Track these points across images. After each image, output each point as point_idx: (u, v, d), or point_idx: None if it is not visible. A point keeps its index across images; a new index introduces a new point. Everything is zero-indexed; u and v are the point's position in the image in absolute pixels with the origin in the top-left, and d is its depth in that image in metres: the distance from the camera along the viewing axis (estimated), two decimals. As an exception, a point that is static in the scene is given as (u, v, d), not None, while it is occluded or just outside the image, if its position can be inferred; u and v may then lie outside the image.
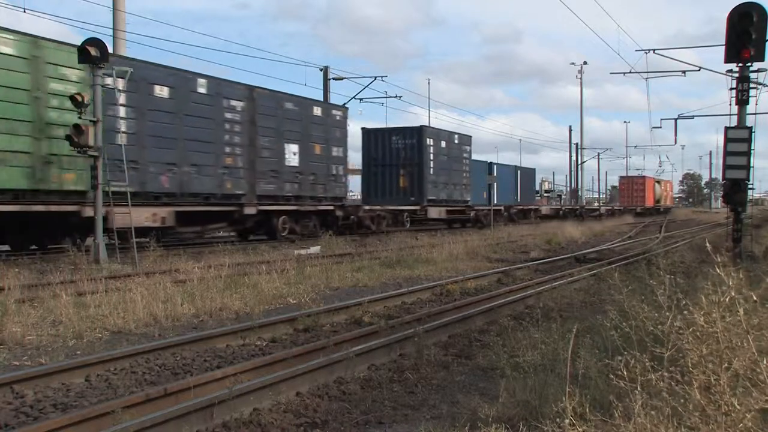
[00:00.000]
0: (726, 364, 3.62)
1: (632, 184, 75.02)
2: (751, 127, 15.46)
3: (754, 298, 3.88)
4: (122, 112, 18.61)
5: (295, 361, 6.85)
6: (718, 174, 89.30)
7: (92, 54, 15.95)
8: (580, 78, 69.85)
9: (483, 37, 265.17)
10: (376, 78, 37.50)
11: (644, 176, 78.35)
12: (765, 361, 3.55)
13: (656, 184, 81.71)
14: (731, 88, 16.72)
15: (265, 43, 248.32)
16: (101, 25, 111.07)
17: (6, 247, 17.88)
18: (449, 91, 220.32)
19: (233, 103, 22.35)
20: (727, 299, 3.81)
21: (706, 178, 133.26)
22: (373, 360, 7.33)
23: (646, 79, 32.11)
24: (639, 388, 3.69)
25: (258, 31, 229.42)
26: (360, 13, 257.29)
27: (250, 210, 22.73)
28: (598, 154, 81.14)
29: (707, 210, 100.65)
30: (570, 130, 72.97)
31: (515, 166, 51.52)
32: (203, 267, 13.27)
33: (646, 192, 75.08)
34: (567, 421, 3.64)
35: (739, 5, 14.92)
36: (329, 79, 37.34)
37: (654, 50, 26.00)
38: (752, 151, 15.18)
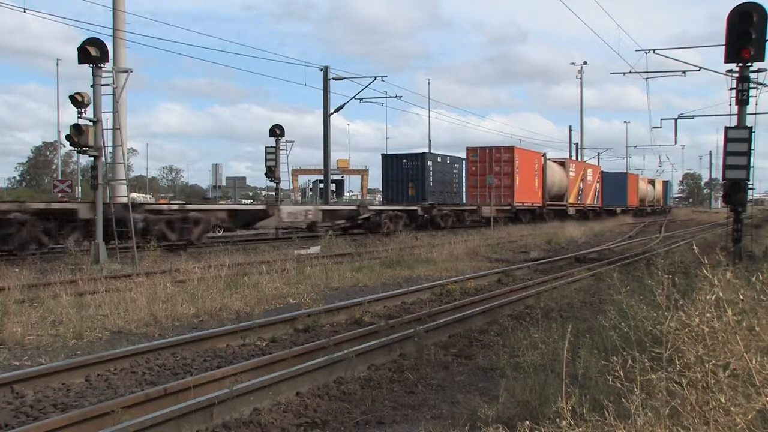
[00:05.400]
0: (714, 362, 3.63)
1: (488, 161, 39.47)
2: (751, 127, 15.47)
3: (741, 297, 3.88)
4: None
5: (295, 361, 6.85)
6: (718, 174, 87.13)
7: (92, 54, 15.96)
8: (580, 78, 69.59)
9: (487, 37, 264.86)
10: (376, 78, 37.53)
11: (513, 147, 40.44)
12: (754, 361, 3.55)
13: (558, 167, 47.12)
14: (731, 88, 16.72)
15: (266, 44, 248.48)
16: (101, 25, 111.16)
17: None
18: (452, 91, 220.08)
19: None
20: (713, 298, 3.81)
21: (706, 178, 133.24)
22: (373, 360, 7.34)
23: (646, 79, 32.05)
24: (638, 389, 3.69)
25: (260, 32, 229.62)
26: (363, 14, 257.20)
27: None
28: (598, 154, 78.37)
29: (707, 210, 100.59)
30: (570, 130, 72.59)
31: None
32: (203, 267, 13.27)
33: (516, 179, 39.27)
34: (564, 423, 3.64)
35: (739, 5, 14.93)
36: (329, 79, 37.32)
37: (654, 50, 25.97)
38: (752, 151, 15.19)
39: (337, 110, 38.21)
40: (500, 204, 38.82)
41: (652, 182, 77.05)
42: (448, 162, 40.95)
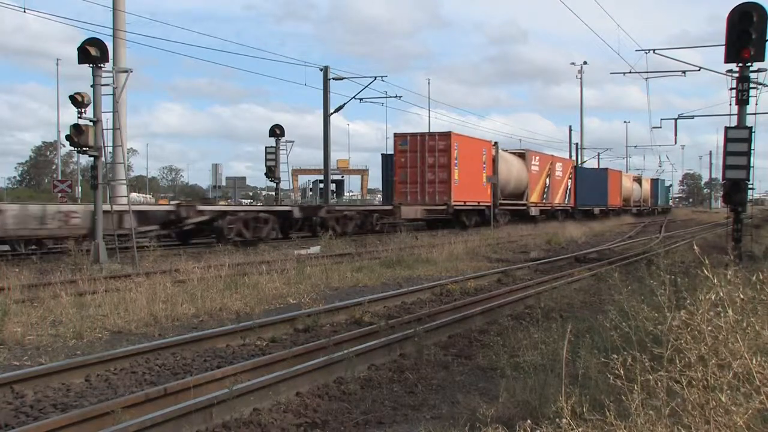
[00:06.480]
0: (714, 362, 3.63)
1: (421, 150, 33.01)
2: (751, 127, 15.49)
3: (742, 296, 3.89)
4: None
5: (295, 361, 6.85)
6: (718, 174, 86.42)
7: (92, 54, 15.95)
8: (580, 78, 69.69)
9: (487, 37, 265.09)
10: (376, 78, 37.45)
11: (449, 133, 33.37)
12: (755, 361, 3.56)
13: (516, 159, 40.69)
14: (731, 88, 16.74)
15: (266, 44, 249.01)
16: (101, 25, 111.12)
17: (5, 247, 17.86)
18: (452, 91, 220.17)
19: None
20: (714, 298, 3.81)
21: (706, 178, 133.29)
22: (373, 360, 7.34)
23: (646, 79, 32.06)
24: (638, 388, 3.69)
25: (260, 32, 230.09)
26: (363, 14, 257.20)
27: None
28: (598, 154, 77.97)
29: (707, 210, 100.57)
30: (570, 130, 72.53)
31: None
32: (203, 267, 13.27)
33: (455, 172, 32.58)
34: (564, 421, 3.64)
35: (739, 5, 14.94)
36: (329, 79, 37.33)
37: (654, 50, 25.98)
38: (752, 151, 15.22)
39: (337, 110, 38.23)
40: (434, 203, 32.14)
41: (638, 180, 71.65)
42: None
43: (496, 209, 36.23)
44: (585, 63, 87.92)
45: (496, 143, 38.08)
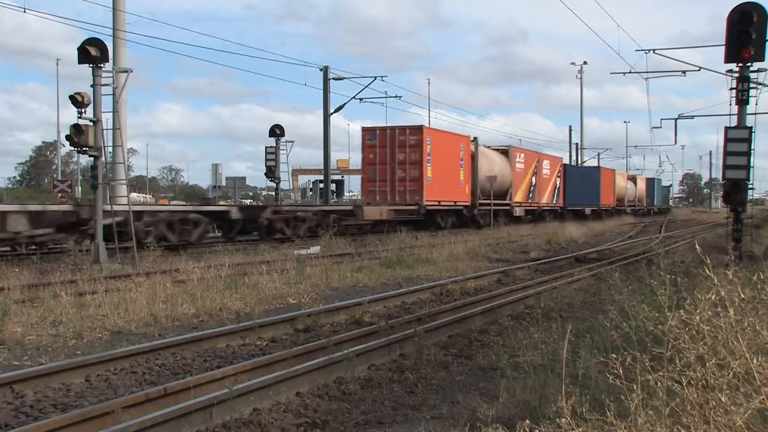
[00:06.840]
0: (714, 361, 3.63)
1: (390, 145, 30.52)
2: (751, 127, 15.49)
3: (742, 295, 3.89)
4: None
5: (295, 361, 6.85)
6: (718, 174, 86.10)
7: (92, 54, 15.95)
8: (580, 78, 69.69)
9: (487, 37, 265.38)
10: (376, 78, 37.33)
11: (421, 127, 31.19)
12: (755, 361, 3.56)
13: (499, 156, 37.98)
14: (731, 88, 16.74)
15: (266, 44, 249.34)
16: (101, 25, 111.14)
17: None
18: (452, 91, 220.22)
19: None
20: (714, 297, 3.81)
21: (706, 178, 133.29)
22: (373, 360, 7.34)
23: (646, 79, 32.07)
24: (638, 388, 3.69)
25: (260, 32, 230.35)
26: (363, 14, 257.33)
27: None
28: (598, 154, 77.47)
29: (707, 210, 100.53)
30: (570, 130, 72.46)
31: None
32: (203, 267, 13.27)
33: (427, 170, 30.15)
34: (564, 421, 3.64)
35: (739, 5, 14.94)
36: (329, 79, 37.31)
37: (654, 50, 26.00)
38: (752, 151, 15.21)
39: (337, 110, 38.20)
40: (404, 203, 29.61)
41: (633, 179, 69.37)
42: None
43: (476, 210, 34.47)
44: (585, 63, 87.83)
45: (475, 138, 35.18)
